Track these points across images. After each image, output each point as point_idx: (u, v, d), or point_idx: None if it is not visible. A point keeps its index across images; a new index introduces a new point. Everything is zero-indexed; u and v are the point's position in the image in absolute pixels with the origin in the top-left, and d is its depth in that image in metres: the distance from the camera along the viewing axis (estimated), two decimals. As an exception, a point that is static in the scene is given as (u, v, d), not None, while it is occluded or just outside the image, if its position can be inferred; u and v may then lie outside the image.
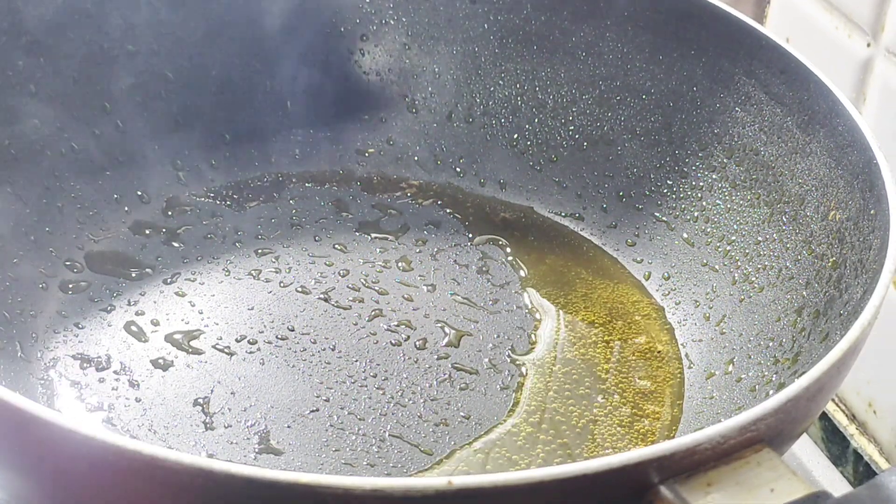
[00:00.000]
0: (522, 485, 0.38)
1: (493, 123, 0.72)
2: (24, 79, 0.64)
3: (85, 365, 0.59)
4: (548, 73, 0.71)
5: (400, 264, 0.67)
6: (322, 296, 0.64)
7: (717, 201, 0.65)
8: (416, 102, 0.73)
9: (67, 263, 0.63)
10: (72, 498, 0.43)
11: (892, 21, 0.65)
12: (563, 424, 0.57)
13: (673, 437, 0.58)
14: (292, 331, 0.61)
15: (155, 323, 0.61)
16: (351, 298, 0.64)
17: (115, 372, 0.58)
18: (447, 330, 0.63)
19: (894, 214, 0.52)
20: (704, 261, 0.65)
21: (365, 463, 0.55)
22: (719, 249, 0.65)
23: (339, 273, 0.65)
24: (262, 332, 0.61)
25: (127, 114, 0.68)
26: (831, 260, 0.56)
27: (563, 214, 0.70)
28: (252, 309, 0.63)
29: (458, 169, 0.72)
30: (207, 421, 0.56)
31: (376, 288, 0.65)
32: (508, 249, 0.68)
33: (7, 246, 0.61)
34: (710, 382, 0.60)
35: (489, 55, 0.72)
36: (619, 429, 0.58)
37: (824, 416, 0.72)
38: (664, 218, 0.68)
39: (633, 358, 0.62)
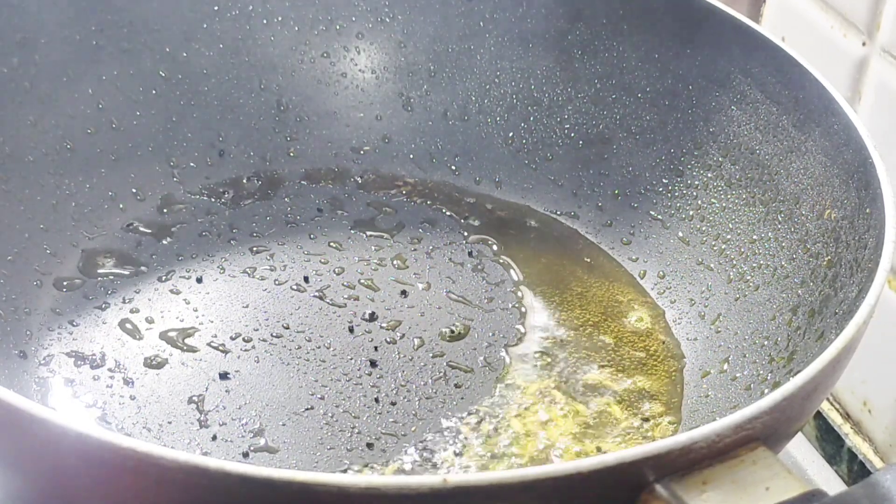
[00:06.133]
0: (517, 483, 0.38)
1: (489, 122, 0.72)
2: (19, 76, 0.64)
3: (79, 362, 0.59)
4: (543, 72, 0.71)
5: (395, 262, 0.67)
6: (317, 294, 0.64)
7: (713, 200, 0.65)
8: (412, 100, 0.73)
9: (62, 261, 0.63)
10: (66, 496, 0.43)
11: (887, 20, 0.65)
12: (559, 423, 0.57)
13: (668, 435, 0.58)
14: (287, 328, 0.61)
15: (150, 321, 0.61)
16: (346, 296, 0.64)
17: (109, 370, 0.58)
18: (442, 328, 0.63)
19: (890, 213, 0.52)
20: (700, 259, 0.65)
21: (360, 461, 0.55)
22: (714, 248, 0.65)
23: (334, 271, 0.65)
24: (257, 329, 0.61)
25: (121, 112, 0.68)
26: (826, 259, 0.57)
27: (558, 213, 0.70)
28: (247, 307, 0.63)
29: (453, 167, 0.72)
30: (202, 419, 0.56)
31: (371, 286, 0.65)
32: (503, 248, 0.68)
33: (1, 243, 0.61)
34: (705, 381, 0.60)
35: (485, 53, 0.72)
36: (613, 427, 0.58)
37: (819, 415, 0.72)
38: (659, 216, 0.68)
39: (628, 356, 0.62)
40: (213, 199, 0.69)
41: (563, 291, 0.66)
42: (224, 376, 0.58)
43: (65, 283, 0.62)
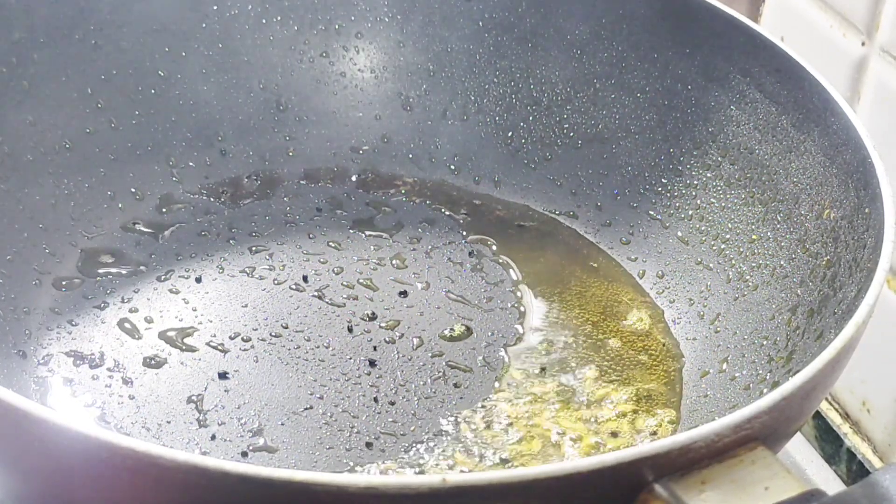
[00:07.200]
0: (517, 483, 0.38)
1: (488, 121, 0.72)
2: (18, 76, 0.64)
3: (78, 362, 0.59)
4: (542, 72, 0.71)
5: (394, 262, 0.66)
6: (316, 293, 0.64)
7: (712, 200, 0.65)
8: (411, 100, 0.73)
9: (61, 260, 0.63)
10: (65, 495, 0.43)
11: (886, 20, 0.65)
12: (558, 423, 0.57)
13: (667, 435, 0.58)
14: (286, 328, 0.61)
15: (148, 320, 0.61)
16: (345, 296, 0.64)
17: (108, 369, 0.58)
18: (441, 328, 0.62)
19: (889, 213, 0.52)
20: (699, 259, 0.65)
21: (359, 460, 0.55)
22: (714, 248, 0.65)
23: (333, 270, 0.65)
24: (256, 329, 0.61)
25: (120, 111, 0.68)
26: (826, 258, 0.57)
27: (557, 212, 0.70)
28: (246, 306, 0.63)
29: (452, 167, 0.72)
30: (201, 418, 0.56)
31: (370, 285, 0.65)
32: (502, 247, 0.68)
33: (1, 242, 0.61)
34: (704, 381, 0.60)
35: (484, 53, 0.72)
36: (612, 427, 0.58)
37: (818, 415, 0.72)
38: (658, 216, 0.68)
39: (628, 356, 0.62)
40: (212, 199, 0.69)
41: (562, 291, 0.66)
42: (223, 376, 0.58)
43: (64, 283, 0.62)
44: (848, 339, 0.46)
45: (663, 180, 0.68)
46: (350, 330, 0.62)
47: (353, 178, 0.72)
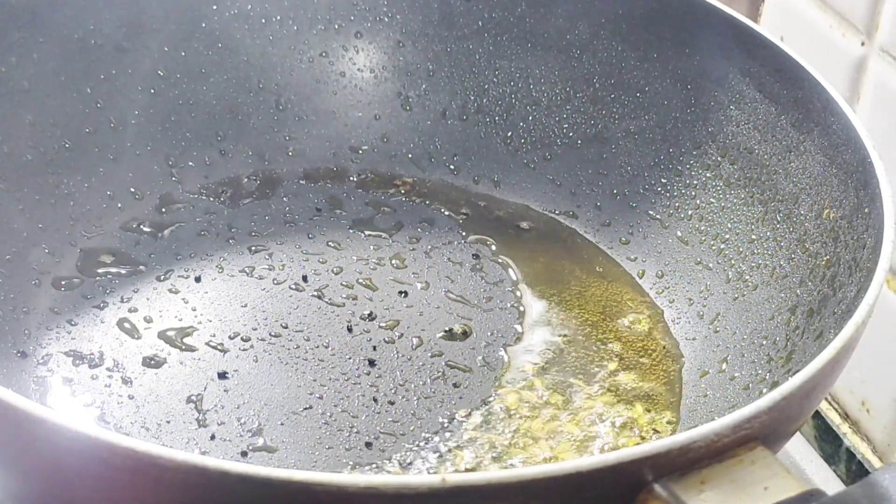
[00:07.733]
0: (516, 482, 0.38)
1: (488, 121, 0.72)
2: (18, 75, 0.64)
3: (77, 362, 0.59)
4: (542, 71, 0.71)
5: (394, 262, 0.66)
6: (316, 293, 0.64)
7: (711, 199, 0.65)
8: (411, 100, 0.73)
9: (60, 260, 0.63)
10: (65, 495, 0.43)
11: (886, 20, 0.65)
12: (557, 423, 0.57)
13: (667, 435, 0.58)
14: (286, 328, 0.61)
15: (148, 320, 0.61)
16: (344, 296, 0.64)
17: (107, 369, 0.58)
18: (441, 328, 0.62)
19: (888, 213, 0.52)
20: (698, 259, 0.65)
21: (358, 460, 0.55)
22: (713, 248, 0.65)
23: (332, 270, 0.65)
24: (256, 329, 0.61)
25: (120, 111, 0.68)
26: (825, 258, 0.57)
27: (557, 212, 0.70)
28: (245, 306, 0.63)
29: (452, 166, 0.72)
30: (200, 418, 0.56)
31: (370, 285, 0.65)
32: (502, 247, 0.68)
33: (0, 242, 0.61)
34: (703, 381, 0.60)
35: (483, 53, 0.72)
36: (612, 427, 0.58)
37: (817, 415, 0.72)
38: (658, 216, 0.68)
39: (627, 356, 0.62)
40: (211, 199, 0.69)
41: (561, 291, 0.66)
42: (222, 376, 0.58)
43: (63, 283, 0.62)
44: (847, 339, 0.46)
45: (663, 180, 0.68)
46: (349, 330, 0.62)
47: (353, 178, 0.72)
